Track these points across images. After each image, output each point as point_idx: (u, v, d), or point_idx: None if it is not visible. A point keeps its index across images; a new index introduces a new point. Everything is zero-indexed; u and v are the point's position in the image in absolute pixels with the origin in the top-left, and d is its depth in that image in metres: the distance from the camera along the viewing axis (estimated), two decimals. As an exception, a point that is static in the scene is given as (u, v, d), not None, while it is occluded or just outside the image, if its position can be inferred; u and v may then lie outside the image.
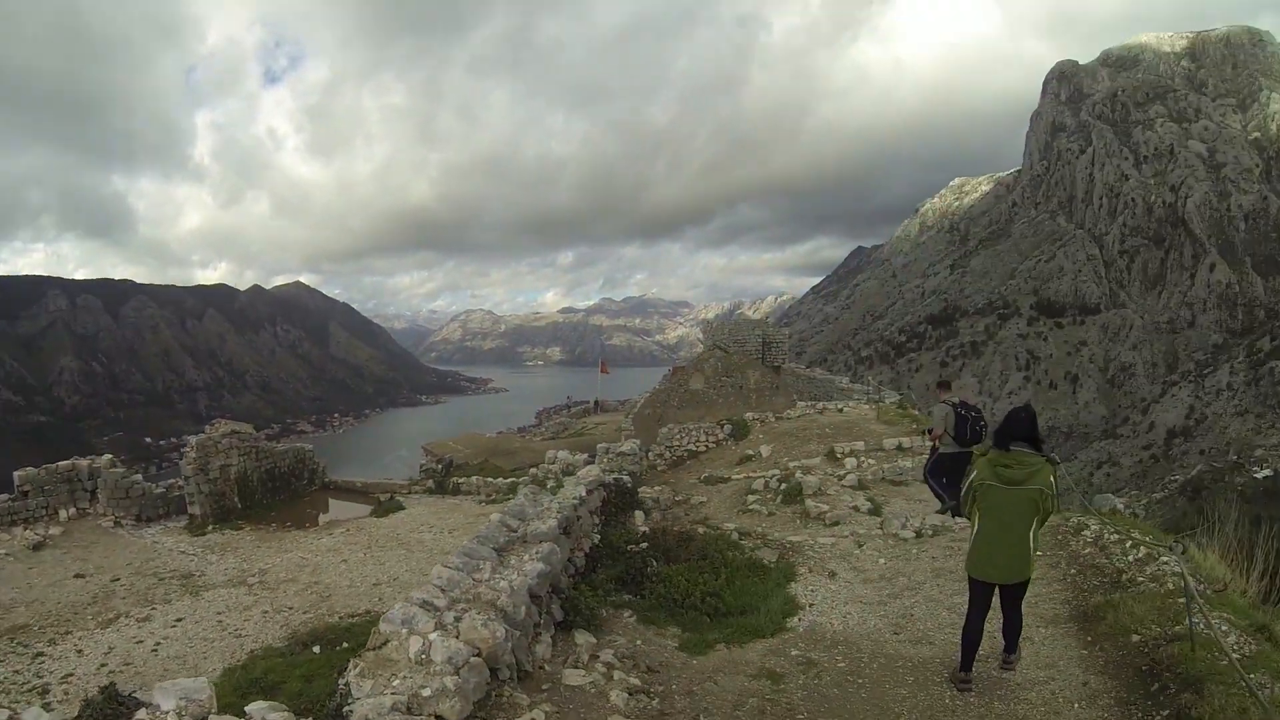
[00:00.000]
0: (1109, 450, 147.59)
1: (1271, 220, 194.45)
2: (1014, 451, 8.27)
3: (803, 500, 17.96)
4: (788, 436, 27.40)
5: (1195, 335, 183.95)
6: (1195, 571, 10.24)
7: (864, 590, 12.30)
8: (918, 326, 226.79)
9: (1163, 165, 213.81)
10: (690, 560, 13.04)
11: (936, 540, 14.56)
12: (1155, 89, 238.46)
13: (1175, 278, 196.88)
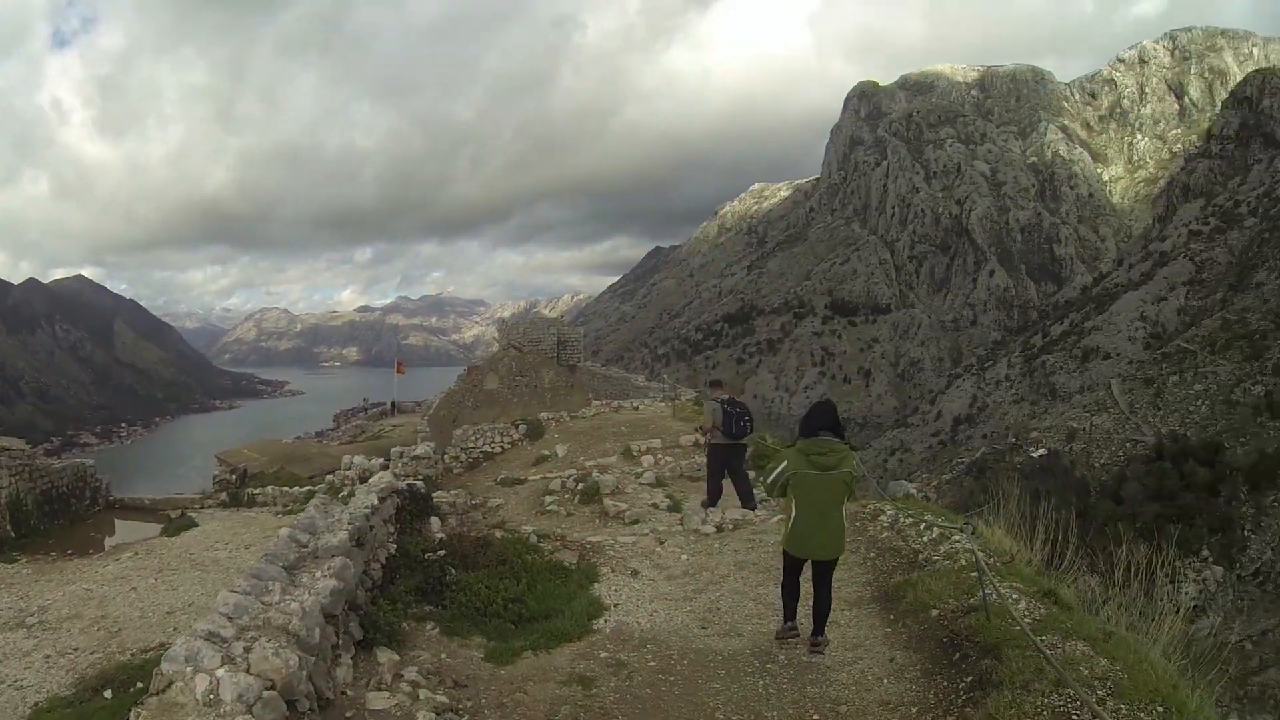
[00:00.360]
0: (901, 438, 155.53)
1: (1044, 233, 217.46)
2: (822, 440, 8.84)
3: (601, 499, 17.88)
4: (583, 435, 27.50)
5: (977, 333, 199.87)
6: (985, 547, 11.03)
7: (668, 587, 12.14)
8: (715, 325, 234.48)
9: (950, 181, 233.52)
10: (490, 566, 12.70)
11: (738, 534, 14.62)
12: (947, 113, 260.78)
13: (959, 282, 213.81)
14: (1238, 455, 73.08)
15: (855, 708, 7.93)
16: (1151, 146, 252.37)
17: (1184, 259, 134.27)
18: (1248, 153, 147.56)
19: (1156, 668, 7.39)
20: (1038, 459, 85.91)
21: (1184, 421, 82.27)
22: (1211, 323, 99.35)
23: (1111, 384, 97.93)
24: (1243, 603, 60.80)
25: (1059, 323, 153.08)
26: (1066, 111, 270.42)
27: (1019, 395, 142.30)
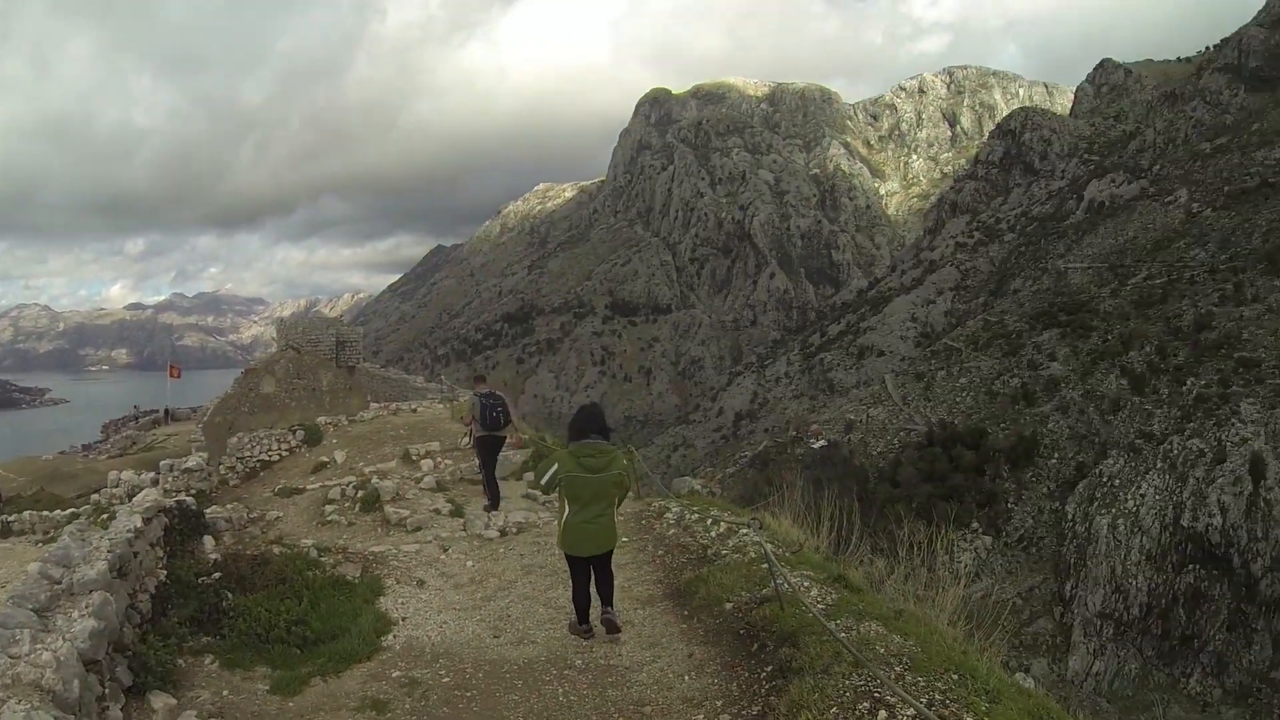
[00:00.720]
0: (684, 434, 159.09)
1: (823, 240, 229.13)
2: (590, 443, 9.31)
3: (382, 507, 17.47)
4: (362, 440, 26.69)
5: (757, 332, 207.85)
6: (773, 538, 11.41)
7: (456, 596, 11.82)
8: (495, 324, 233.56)
9: (735, 188, 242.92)
10: (270, 586, 11.84)
11: (522, 537, 14.62)
12: (736, 123, 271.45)
13: (740, 284, 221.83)
14: (999, 439, 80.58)
15: (659, 707, 7.89)
16: (925, 166, 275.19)
17: (951, 267, 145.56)
18: (1009, 177, 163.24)
19: (946, 638, 7.83)
20: (818, 450, 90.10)
21: (951, 411, 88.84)
22: (975, 324, 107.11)
23: (885, 379, 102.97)
24: (1012, 565, 68.81)
25: (836, 323, 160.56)
26: (850, 130, 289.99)
27: (799, 391, 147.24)
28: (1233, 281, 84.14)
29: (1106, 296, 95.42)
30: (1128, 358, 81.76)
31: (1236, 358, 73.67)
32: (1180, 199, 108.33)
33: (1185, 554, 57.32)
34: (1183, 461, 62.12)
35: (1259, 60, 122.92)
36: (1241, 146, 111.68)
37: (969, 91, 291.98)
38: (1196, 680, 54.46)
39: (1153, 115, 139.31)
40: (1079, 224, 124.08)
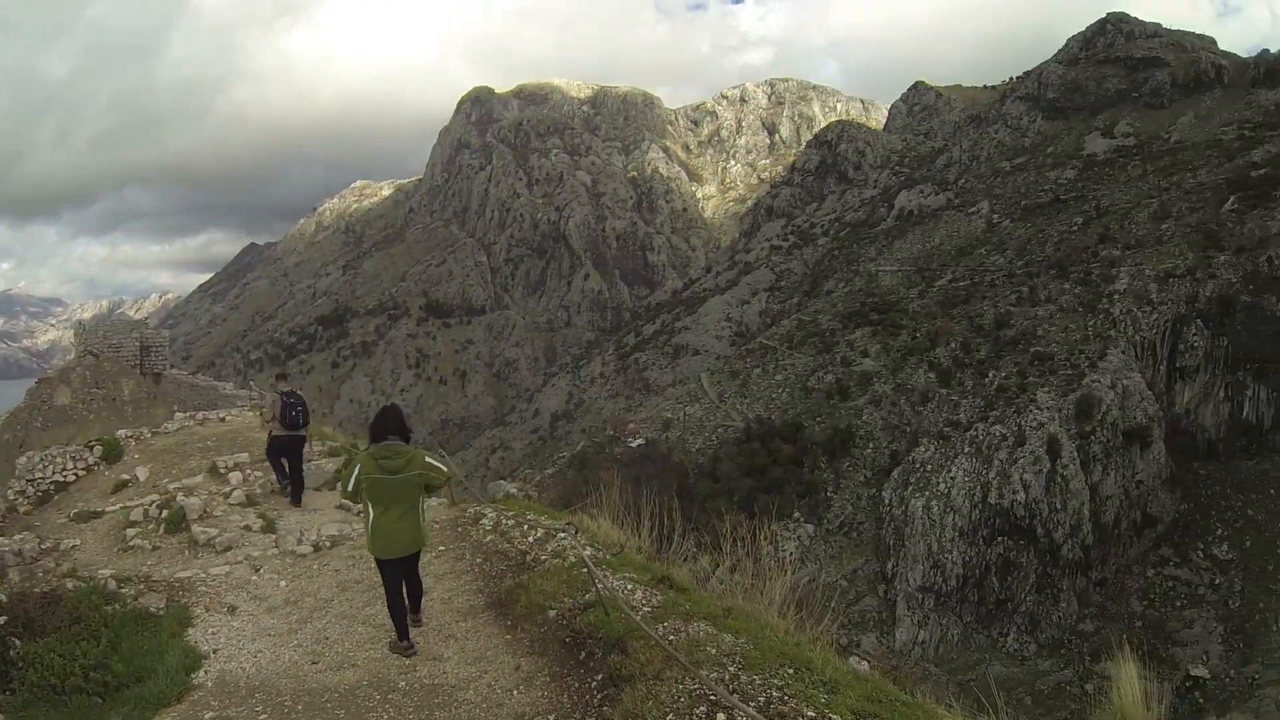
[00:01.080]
0: (501, 436, 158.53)
1: (638, 241, 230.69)
2: (389, 445, 9.27)
3: (189, 527, 16.21)
4: (167, 454, 24.63)
5: (571, 333, 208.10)
6: (593, 540, 11.33)
7: (270, 621, 11.00)
8: (308, 328, 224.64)
9: (552, 189, 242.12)
10: (63, 628, 10.51)
11: (337, 551, 13.84)
12: (557, 125, 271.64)
13: (554, 285, 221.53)
14: (815, 432, 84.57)
15: (491, 727, 7.61)
16: (743, 172, 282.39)
17: (766, 269, 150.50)
18: (824, 185, 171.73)
19: (778, 631, 7.85)
20: (636, 448, 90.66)
21: (768, 407, 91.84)
22: (789, 323, 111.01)
23: (701, 377, 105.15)
24: (835, 550, 72.75)
25: (651, 323, 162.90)
26: (670, 135, 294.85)
27: (614, 390, 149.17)
28: (1028, 285, 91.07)
29: (915, 297, 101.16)
30: (935, 353, 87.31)
31: (1032, 352, 79.71)
32: (982, 210, 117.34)
33: (994, 528, 65.45)
34: (988, 446, 69.81)
35: (1056, 93, 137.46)
36: (1038, 166, 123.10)
37: (789, 103, 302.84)
38: (1013, 638, 63.40)
39: (960, 134, 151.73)
40: (889, 230, 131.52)
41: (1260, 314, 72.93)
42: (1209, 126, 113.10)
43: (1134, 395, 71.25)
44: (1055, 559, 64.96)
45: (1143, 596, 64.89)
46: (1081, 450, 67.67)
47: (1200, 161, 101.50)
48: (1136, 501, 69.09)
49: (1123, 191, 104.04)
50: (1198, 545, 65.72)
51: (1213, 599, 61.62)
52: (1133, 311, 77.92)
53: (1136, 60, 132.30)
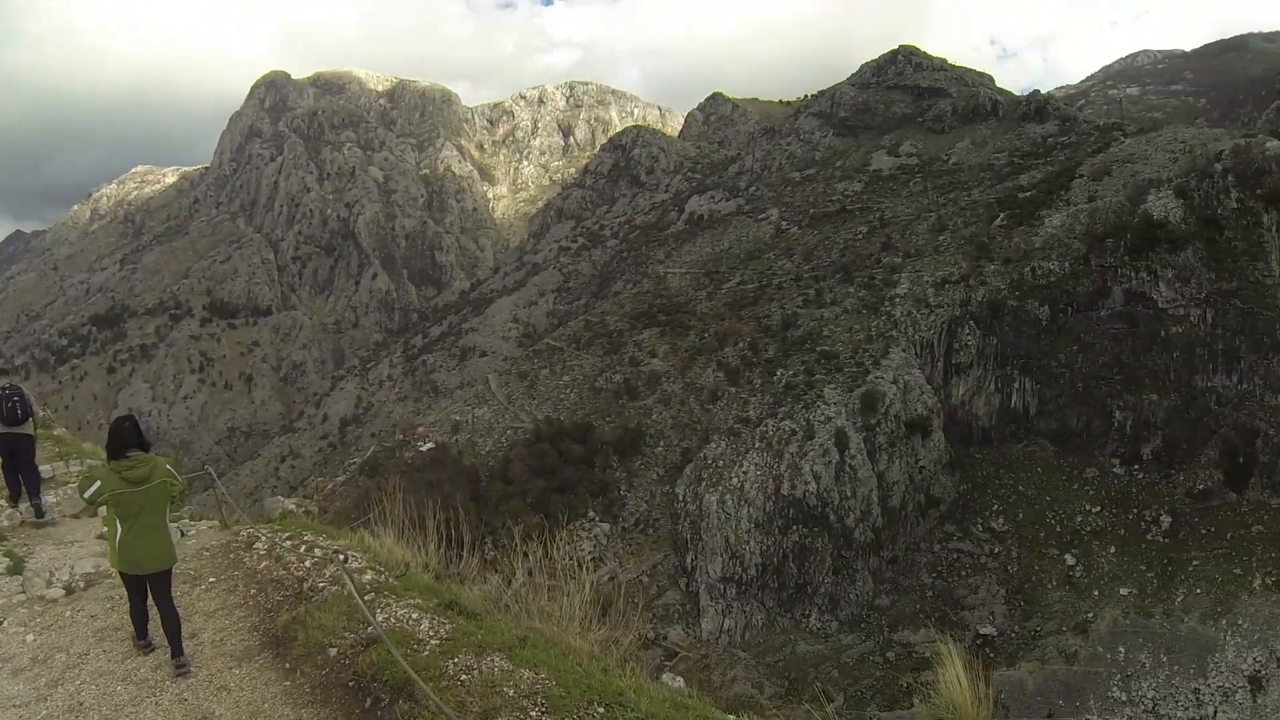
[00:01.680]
0: (290, 444, 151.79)
1: (428, 241, 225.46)
2: (131, 456, 8.94)
3: None
4: None
5: (359, 335, 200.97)
6: (375, 560, 10.52)
7: (16, 687, 9.04)
8: (81, 328, 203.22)
9: (343, 184, 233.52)
10: None
11: (92, 593, 11.76)
12: (352, 117, 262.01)
13: (342, 284, 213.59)
14: (605, 432, 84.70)
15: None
16: (535, 173, 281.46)
17: (554, 270, 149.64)
18: (616, 188, 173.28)
19: (582, 657, 7.36)
20: (427, 452, 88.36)
21: (557, 408, 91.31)
22: (577, 324, 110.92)
23: (490, 378, 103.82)
24: (633, 547, 73.93)
25: (439, 324, 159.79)
26: (465, 133, 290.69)
27: (403, 393, 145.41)
28: (815, 288, 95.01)
29: (703, 299, 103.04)
30: (723, 353, 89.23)
31: (819, 351, 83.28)
32: (772, 217, 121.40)
33: (789, 518, 69.46)
34: (778, 440, 73.19)
35: (847, 112, 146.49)
36: (826, 178, 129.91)
37: (587, 106, 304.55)
38: (815, 618, 68.11)
39: (753, 145, 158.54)
40: (679, 233, 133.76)
41: (1025, 316, 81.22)
42: (984, 152, 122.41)
43: (914, 389, 77.84)
44: (849, 542, 70.46)
45: (931, 569, 72.17)
46: (868, 441, 73.58)
47: (975, 182, 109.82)
48: (920, 485, 76.23)
49: (904, 205, 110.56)
50: (977, 520, 74.60)
51: (993, 566, 70.67)
52: (912, 313, 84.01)
53: (923, 89, 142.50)
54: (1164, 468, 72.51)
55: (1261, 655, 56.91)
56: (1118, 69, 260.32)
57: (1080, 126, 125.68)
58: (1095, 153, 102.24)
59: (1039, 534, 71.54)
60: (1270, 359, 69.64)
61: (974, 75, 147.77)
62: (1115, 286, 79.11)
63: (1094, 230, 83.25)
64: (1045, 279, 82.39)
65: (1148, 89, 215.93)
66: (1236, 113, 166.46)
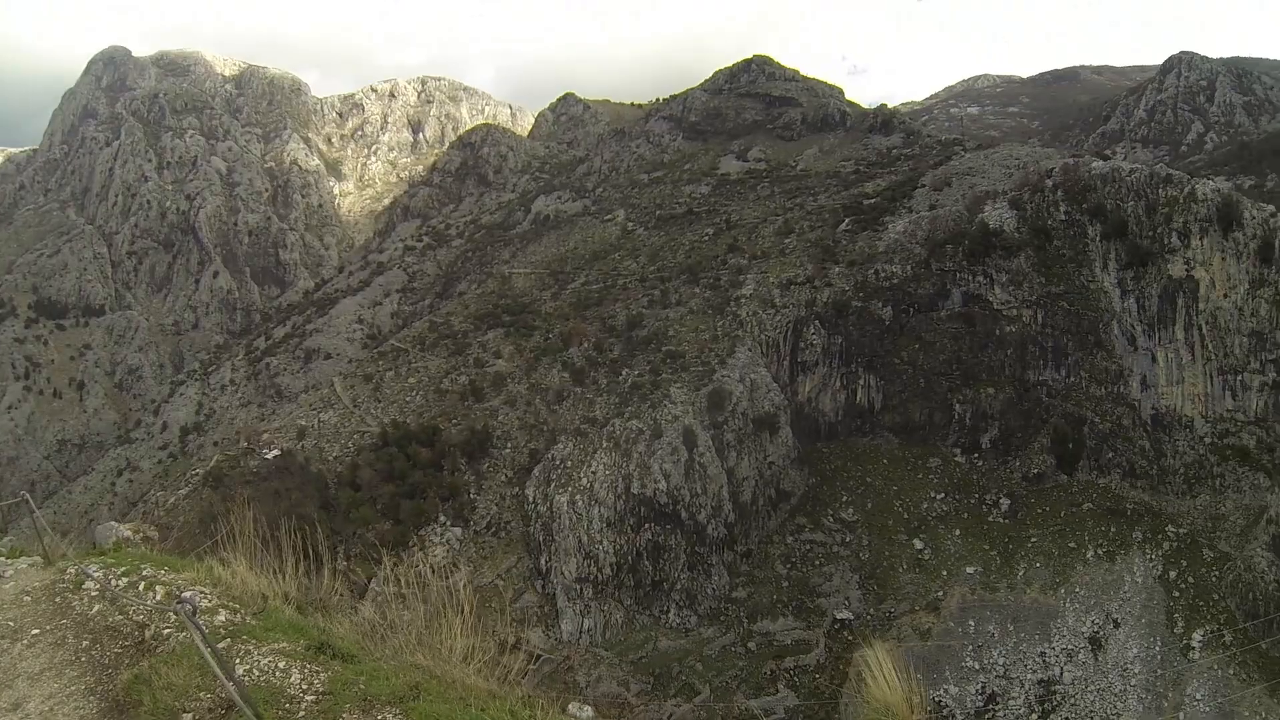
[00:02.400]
0: (127, 456, 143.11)
1: (272, 238, 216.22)
2: None
3: None
4: None
5: (199, 336, 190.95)
6: (228, 595, 9.06)
7: None
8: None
9: (184, 174, 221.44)
10: None
11: None
12: (196, 102, 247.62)
13: (181, 282, 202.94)
14: (453, 434, 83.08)
15: None
16: (383, 170, 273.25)
17: (399, 269, 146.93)
18: (463, 186, 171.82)
19: (485, 702, 6.69)
20: (273, 460, 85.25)
21: (403, 410, 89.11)
22: (422, 325, 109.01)
23: (335, 381, 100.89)
24: (486, 550, 73.18)
25: (282, 325, 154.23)
26: (314, 125, 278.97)
27: (246, 399, 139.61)
28: (660, 288, 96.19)
29: (548, 299, 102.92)
30: (569, 354, 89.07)
31: (665, 351, 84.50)
32: (618, 218, 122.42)
33: (640, 516, 70.72)
34: (625, 440, 74.04)
35: (698, 116, 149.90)
36: (674, 181, 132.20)
37: (438, 102, 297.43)
38: (674, 614, 69.68)
39: (603, 146, 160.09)
40: (525, 234, 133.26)
41: (868, 316, 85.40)
42: (831, 160, 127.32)
43: (761, 387, 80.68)
44: (702, 538, 72.69)
45: (785, 560, 75.43)
46: (716, 439, 75.99)
47: (821, 188, 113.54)
48: (770, 480, 79.20)
49: (752, 208, 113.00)
50: (827, 512, 78.76)
51: (845, 554, 75.17)
52: (758, 314, 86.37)
53: (774, 98, 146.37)
54: (1001, 455, 79.99)
55: (1098, 618, 65.13)
56: (960, 89, 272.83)
57: (923, 140, 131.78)
58: (937, 165, 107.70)
59: (888, 521, 76.99)
60: (1094, 355, 77.27)
61: (825, 87, 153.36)
62: (954, 289, 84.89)
63: (935, 236, 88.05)
64: (888, 281, 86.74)
65: (987, 109, 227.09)
66: (1066, 135, 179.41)
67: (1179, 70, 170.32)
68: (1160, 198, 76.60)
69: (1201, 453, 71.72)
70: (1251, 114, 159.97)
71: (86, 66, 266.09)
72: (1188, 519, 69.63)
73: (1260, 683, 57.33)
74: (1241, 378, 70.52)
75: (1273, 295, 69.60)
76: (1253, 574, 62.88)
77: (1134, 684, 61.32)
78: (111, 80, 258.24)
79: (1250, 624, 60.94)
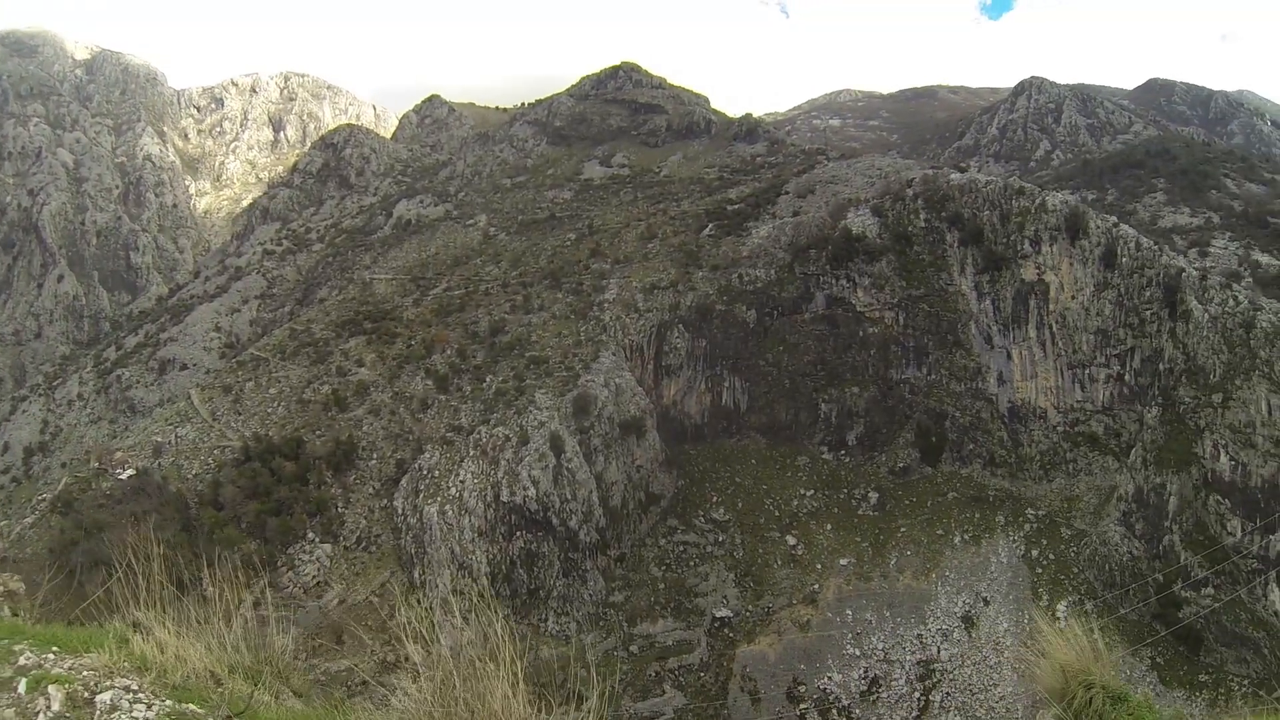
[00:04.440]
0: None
1: (122, 239, 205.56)
2: None
3: None
4: None
5: (43, 347, 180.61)
6: (163, 684, 6.75)
7: None
8: None
9: (27, 166, 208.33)
10: None
11: None
12: (43, 86, 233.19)
13: (23, 286, 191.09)
14: (317, 446, 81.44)
15: None
16: (241, 169, 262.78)
17: (258, 275, 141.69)
18: (325, 189, 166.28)
19: None
20: (128, 481, 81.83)
21: (265, 423, 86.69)
22: (282, 332, 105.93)
23: (192, 394, 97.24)
24: (358, 566, 71.86)
25: (134, 334, 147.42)
26: (169, 118, 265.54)
27: (96, 414, 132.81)
28: (522, 294, 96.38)
29: (410, 305, 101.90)
30: (432, 360, 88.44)
31: (529, 356, 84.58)
32: (480, 223, 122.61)
33: (512, 524, 70.69)
34: (492, 447, 74.01)
35: (563, 122, 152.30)
36: (537, 185, 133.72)
37: (301, 100, 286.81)
38: (553, 621, 69.93)
39: (466, 150, 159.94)
40: (386, 238, 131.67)
41: (732, 319, 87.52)
42: (695, 166, 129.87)
43: (626, 391, 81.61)
44: (575, 544, 72.82)
45: (660, 562, 76.75)
46: (583, 444, 76.39)
47: (685, 194, 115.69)
48: (639, 484, 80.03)
49: (615, 213, 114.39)
50: (698, 513, 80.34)
51: (720, 554, 76.96)
52: (621, 318, 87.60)
53: (640, 104, 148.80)
54: (868, 451, 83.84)
55: (969, 598, 70.06)
56: (822, 102, 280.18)
57: (787, 149, 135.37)
58: (800, 173, 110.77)
59: (759, 520, 79.40)
60: (953, 353, 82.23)
61: (690, 95, 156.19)
62: (818, 292, 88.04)
63: (798, 241, 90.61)
64: (752, 285, 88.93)
65: (848, 122, 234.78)
66: (924, 149, 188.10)
67: (1030, 93, 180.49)
68: (1014, 208, 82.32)
69: (1055, 440, 78.09)
70: (1094, 135, 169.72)
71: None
72: (1045, 501, 75.77)
73: (1122, 644, 61.43)
74: (1089, 371, 77.14)
75: (1115, 296, 76.11)
76: (1107, 547, 69.80)
77: (1007, 656, 65.71)
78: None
79: (1109, 593, 66.91)
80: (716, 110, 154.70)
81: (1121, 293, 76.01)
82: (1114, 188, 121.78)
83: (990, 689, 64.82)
